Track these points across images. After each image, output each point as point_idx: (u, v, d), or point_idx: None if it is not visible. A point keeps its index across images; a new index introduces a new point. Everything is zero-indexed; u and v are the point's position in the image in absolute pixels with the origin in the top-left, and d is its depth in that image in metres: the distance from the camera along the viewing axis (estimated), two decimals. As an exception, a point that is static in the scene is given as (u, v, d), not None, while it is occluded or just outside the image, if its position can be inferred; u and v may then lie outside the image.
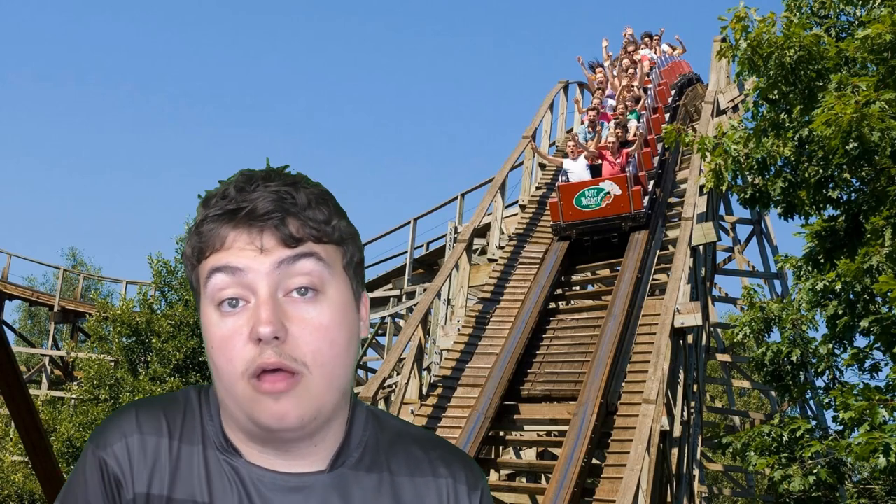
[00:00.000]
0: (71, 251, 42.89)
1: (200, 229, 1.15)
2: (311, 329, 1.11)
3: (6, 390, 5.27)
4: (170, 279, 22.66)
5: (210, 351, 1.14)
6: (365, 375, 22.97)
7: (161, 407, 1.21)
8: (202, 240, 1.15)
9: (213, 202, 1.15)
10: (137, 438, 1.18)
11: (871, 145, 8.61)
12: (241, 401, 1.12)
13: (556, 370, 11.30)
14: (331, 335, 1.13)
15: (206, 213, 1.15)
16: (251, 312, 1.11)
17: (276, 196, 1.13)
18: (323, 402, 1.13)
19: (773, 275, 18.56)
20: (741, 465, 12.44)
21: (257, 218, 1.12)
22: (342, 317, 1.15)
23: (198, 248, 1.15)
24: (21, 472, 21.66)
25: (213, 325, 1.13)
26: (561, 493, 8.76)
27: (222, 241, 1.13)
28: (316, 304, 1.13)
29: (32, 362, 32.68)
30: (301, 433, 1.14)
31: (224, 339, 1.12)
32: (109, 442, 1.18)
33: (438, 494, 1.22)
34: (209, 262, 1.14)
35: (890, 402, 8.70)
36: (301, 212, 1.14)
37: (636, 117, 15.29)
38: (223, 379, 1.13)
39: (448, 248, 17.70)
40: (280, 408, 1.10)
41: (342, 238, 1.17)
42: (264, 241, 1.12)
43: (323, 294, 1.13)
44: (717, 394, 28.02)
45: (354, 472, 1.20)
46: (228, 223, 1.14)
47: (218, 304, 1.13)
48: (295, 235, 1.13)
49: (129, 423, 1.19)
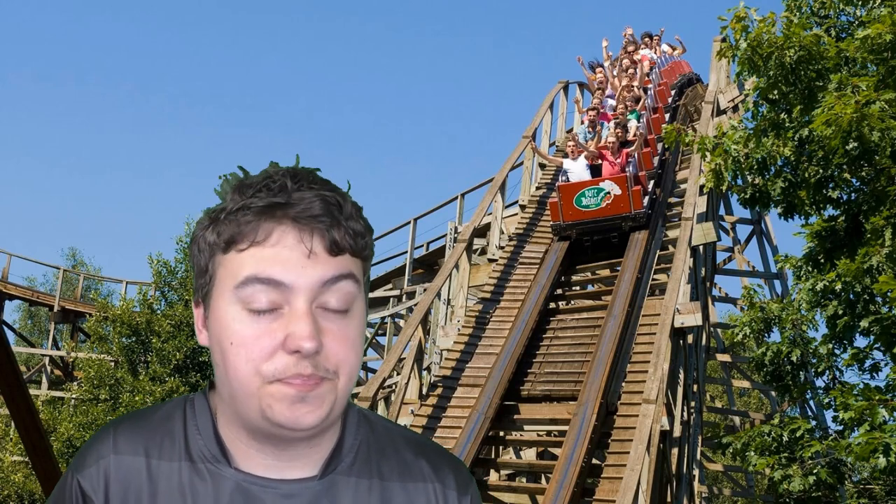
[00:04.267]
0: (71, 251, 43.00)
1: (237, 218, 1.12)
2: (341, 341, 1.12)
3: (6, 390, 5.27)
4: (170, 279, 22.66)
5: (224, 346, 1.12)
6: (365, 375, 22.96)
7: (140, 425, 1.20)
8: (239, 228, 1.11)
9: (252, 192, 1.12)
10: (113, 460, 1.17)
11: (871, 145, 8.61)
12: (256, 399, 1.11)
13: (556, 370, 11.30)
14: (356, 347, 1.15)
15: (245, 201, 1.12)
16: (286, 320, 1.10)
17: (325, 200, 1.12)
18: (338, 406, 1.14)
19: (773, 275, 18.56)
20: (741, 465, 12.43)
21: (308, 219, 1.11)
22: (363, 329, 1.17)
23: (230, 235, 1.12)
24: (21, 472, 21.67)
25: (236, 322, 1.11)
26: (561, 493, 8.75)
27: (266, 235, 1.11)
28: (346, 318, 1.14)
29: (32, 362, 32.68)
30: (309, 433, 1.14)
31: (249, 338, 1.10)
32: (86, 464, 1.18)
33: (427, 500, 1.23)
34: (247, 259, 1.11)
35: (890, 402, 8.69)
36: (345, 221, 1.13)
37: (636, 117, 15.29)
38: (237, 376, 1.11)
39: (448, 248, 17.70)
40: (302, 409, 1.10)
41: (368, 255, 1.19)
42: (314, 243, 1.11)
43: (352, 310, 1.15)
44: (717, 394, 28.02)
45: (346, 477, 1.20)
46: (272, 218, 1.11)
47: (248, 305, 1.11)
48: (339, 244, 1.12)
49: (105, 445, 1.19)
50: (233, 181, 1.15)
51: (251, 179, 1.14)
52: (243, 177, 1.15)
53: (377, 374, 11.11)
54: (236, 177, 1.15)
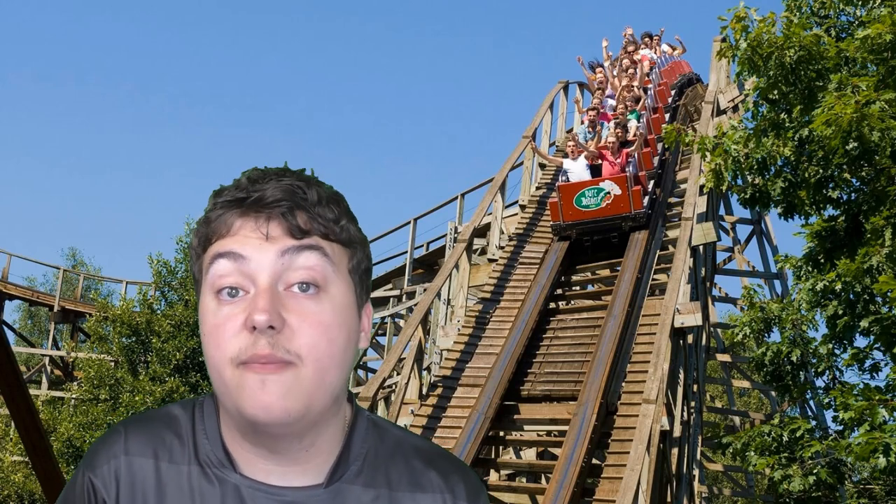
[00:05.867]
0: (71, 251, 42.99)
1: (208, 218, 1.15)
2: (310, 323, 1.10)
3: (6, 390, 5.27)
4: (170, 279, 22.66)
5: (203, 339, 1.13)
6: (365, 375, 22.97)
7: (151, 427, 1.20)
8: (209, 227, 1.15)
9: (224, 193, 1.16)
10: (124, 460, 1.17)
11: (871, 145, 8.61)
12: (230, 389, 1.10)
13: (556, 370, 11.30)
14: (329, 333, 1.11)
15: (216, 201, 1.15)
16: (248, 301, 1.10)
17: (287, 188, 1.13)
18: (313, 399, 1.10)
19: (773, 275, 18.56)
20: (741, 465, 12.43)
21: (265, 206, 1.12)
22: (342, 317, 1.13)
23: (204, 235, 1.15)
24: (21, 472, 21.67)
25: (209, 313, 1.12)
26: (561, 493, 8.76)
27: (228, 228, 1.13)
28: (317, 300, 1.11)
29: (32, 362, 32.67)
30: (288, 429, 1.11)
31: (217, 326, 1.11)
32: (98, 464, 1.18)
33: None
34: (213, 249, 1.14)
35: (890, 402, 8.69)
36: (311, 207, 1.13)
37: (636, 117, 15.29)
38: (213, 367, 1.11)
39: (448, 248, 17.70)
40: (266, 396, 1.07)
41: (350, 240, 1.16)
42: (270, 228, 1.11)
43: (325, 292, 1.12)
44: (717, 394, 28.02)
45: (352, 486, 1.18)
46: (236, 210, 1.13)
47: (217, 291, 1.12)
48: (302, 227, 1.12)
49: (117, 444, 1.19)
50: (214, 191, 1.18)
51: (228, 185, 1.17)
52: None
53: (377, 374, 11.12)
54: (221, 186, 1.18)
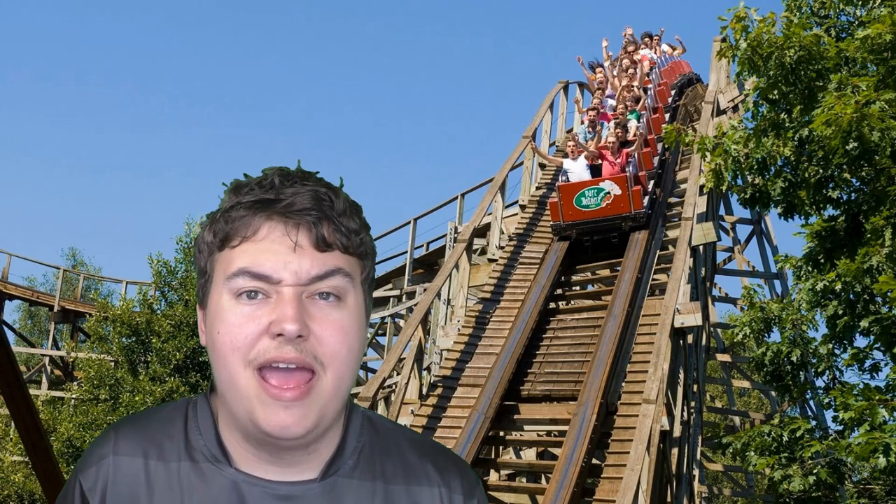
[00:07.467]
0: (71, 251, 42.95)
1: (229, 215, 1.14)
2: (334, 330, 1.12)
3: (6, 390, 5.27)
4: (170, 279, 22.62)
5: (214, 337, 1.13)
6: (365, 375, 22.95)
7: (141, 427, 1.21)
8: (230, 225, 1.13)
9: (246, 190, 1.14)
10: (113, 461, 1.19)
11: (871, 145, 8.61)
12: (242, 394, 1.11)
13: (556, 370, 11.30)
14: (349, 340, 1.13)
15: (238, 199, 1.14)
16: (273, 306, 1.10)
17: (315, 195, 1.13)
18: (328, 409, 1.13)
19: (773, 275, 18.56)
20: (741, 465, 12.43)
21: (295, 213, 1.12)
22: (359, 325, 1.16)
23: (224, 233, 1.14)
24: (21, 472, 21.67)
25: (226, 311, 1.12)
26: (561, 493, 8.75)
27: (255, 230, 1.12)
28: (338, 308, 1.13)
29: (32, 362, 32.68)
30: (300, 442, 1.13)
31: (235, 325, 1.11)
32: (86, 466, 1.20)
33: (433, 503, 1.22)
34: (238, 254, 1.12)
35: (890, 402, 8.69)
36: (336, 217, 1.14)
37: (636, 117, 15.29)
38: (226, 367, 1.11)
39: (448, 248, 17.70)
40: (287, 417, 1.09)
41: (365, 253, 1.18)
42: (300, 237, 1.12)
43: (344, 301, 1.14)
44: (717, 394, 28.02)
45: (348, 480, 1.19)
46: (262, 213, 1.12)
47: (236, 293, 1.12)
48: (327, 239, 1.12)
49: (106, 446, 1.20)
50: (232, 185, 1.17)
51: (247, 180, 1.16)
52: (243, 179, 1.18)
53: (377, 374, 11.11)
54: (236, 181, 1.17)
